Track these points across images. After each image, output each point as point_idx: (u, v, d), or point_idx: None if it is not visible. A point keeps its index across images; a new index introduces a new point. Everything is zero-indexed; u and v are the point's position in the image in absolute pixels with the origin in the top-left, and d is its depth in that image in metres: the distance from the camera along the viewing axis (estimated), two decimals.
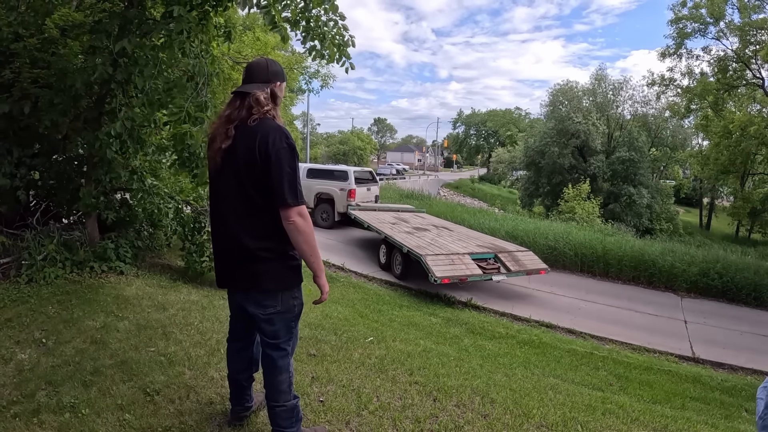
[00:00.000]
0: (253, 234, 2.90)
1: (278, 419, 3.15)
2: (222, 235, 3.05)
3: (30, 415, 3.62)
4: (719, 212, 50.56)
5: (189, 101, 5.76)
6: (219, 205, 3.03)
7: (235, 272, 3.04)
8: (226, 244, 3.03)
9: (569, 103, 40.96)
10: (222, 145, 2.86)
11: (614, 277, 15.98)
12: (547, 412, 4.38)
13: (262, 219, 2.87)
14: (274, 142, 2.76)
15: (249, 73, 3.00)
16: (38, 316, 5.57)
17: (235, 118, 2.88)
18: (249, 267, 2.95)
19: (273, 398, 3.14)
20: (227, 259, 3.07)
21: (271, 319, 3.05)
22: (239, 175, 2.84)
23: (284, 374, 3.11)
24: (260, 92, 2.90)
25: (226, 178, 2.91)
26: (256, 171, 2.78)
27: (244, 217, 2.90)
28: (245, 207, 2.88)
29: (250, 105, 2.86)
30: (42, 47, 6.98)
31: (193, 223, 8.28)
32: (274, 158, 2.75)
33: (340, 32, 6.33)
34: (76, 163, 7.91)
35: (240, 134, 2.84)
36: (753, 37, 27.67)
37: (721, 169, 29.26)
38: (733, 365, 9.78)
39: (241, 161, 2.81)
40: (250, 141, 2.79)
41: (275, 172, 2.75)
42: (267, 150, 2.75)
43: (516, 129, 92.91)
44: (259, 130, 2.80)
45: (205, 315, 6.15)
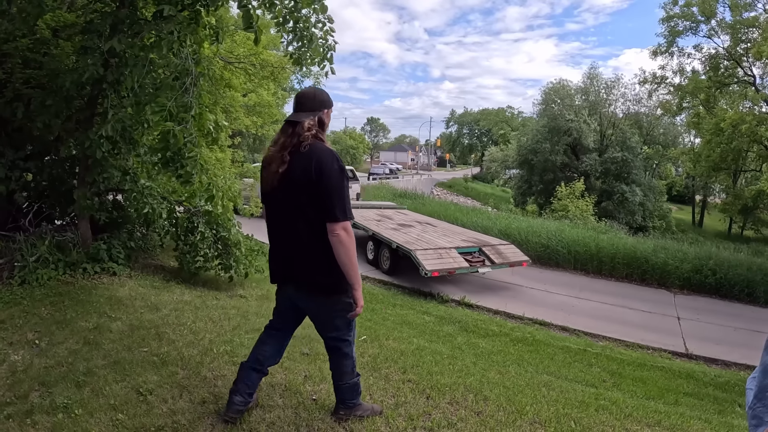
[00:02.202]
0: (311, 244, 3.23)
1: (343, 394, 3.67)
2: (282, 246, 3.40)
3: (23, 416, 3.62)
4: (711, 209, 50.68)
5: (172, 100, 5.73)
6: (277, 222, 3.39)
7: (297, 279, 3.41)
8: (288, 254, 3.37)
9: (562, 102, 40.97)
10: (279, 169, 3.17)
11: (607, 274, 16.05)
12: (540, 409, 4.40)
13: (319, 234, 3.18)
14: (327, 164, 3.11)
15: (298, 102, 3.31)
16: (31, 317, 5.55)
17: (289, 144, 3.19)
18: (310, 276, 3.31)
19: (339, 378, 3.62)
20: (287, 267, 3.42)
21: (332, 318, 3.44)
22: (297, 195, 3.17)
23: (348, 359, 3.57)
24: (308, 120, 3.21)
25: (284, 198, 3.24)
26: (312, 191, 3.12)
27: (302, 231, 3.23)
28: (302, 222, 3.21)
29: (299, 132, 3.17)
30: (34, 48, 6.96)
31: (186, 224, 8.27)
32: (326, 178, 3.09)
33: (326, 35, 6.32)
34: (68, 164, 7.88)
35: (295, 159, 3.15)
36: (744, 35, 27.76)
37: (713, 167, 29.26)
38: (726, 361, 9.84)
39: (298, 183, 3.14)
40: (306, 164, 3.11)
41: (327, 190, 3.09)
42: (321, 171, 3.09)
43: (509, 128, 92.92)
44: (313, 154, 3.13)
45: (198, 315, 6.15)
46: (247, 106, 19.57)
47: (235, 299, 7.63)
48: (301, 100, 3.32)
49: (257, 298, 8.02)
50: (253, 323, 6.08)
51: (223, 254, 8.25)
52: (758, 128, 22.79)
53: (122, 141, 7.02)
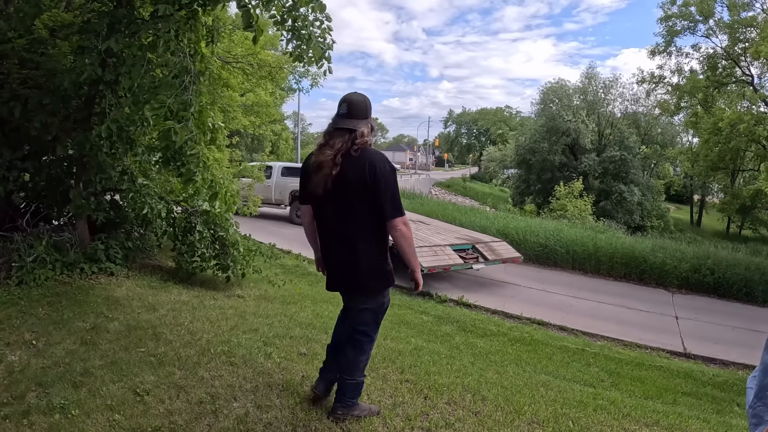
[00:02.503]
0: (360, 243, 3.44)
1: (346, 391, 3.70)
2: (333, 244, 3.57)
3: (20, 416, 3.62)
4: (710, 209, 50.67)
5: (172, 98, 5.72)
6: (329, 222, 3.54)
7: (344, 276, 3.58)
8: (338, 252, 3.56)
9: (560, 102, 40.96)
10: (332, 171, 3.31)
11: (605, 274, 16.05)
12: (538, 409, 4.40)
13: (368, 231, 3.43)
14: (380, 167, 3.30)
15: (350, 108, 3.43)
16: (28, 317, 5.55)
17: (341, 149, 3.32)
18: (355, 272, 3.49)
19: (348, 373, 3.68)
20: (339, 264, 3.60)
21: (363, 312, 3.63)
22: (350, 196, 3.35)
23: (364, 356, 3.69)
24: (364, 128, 3.39)
25: (337, 199, 3.40)
26: (366, 192, 3.30)
27: (353, 228, 3.43)
28: (354, 222, 3.41)
29: (354, 138, 3.34)
30: (31, 48, 6.93)
31: (183, 224, 8.25)
32: (382, 180, 3.28)
33: (324, 34, 6.31)
34: (65, 164, 7.87)
35: (347, 162, 3.31)
36: (742, 34, 27.79)
37: (711, 166, 29.29)
38: (724, 360, 9.84)
39: (352, 185, 3.31)
40: (359, 167, 3.29)
41: (383, 191, 3.29)
42: (376, 174, 3.27)
43: (507, 127, 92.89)
44: (366, 158, 3.32)
45: (196, 315, 6.13)
46: (245, 105, 19.59)
47: (233, 299, 7.62)
48: (353, 106, 3.44)
49: (255, 298, 8.02)
50: (250, 323, 6.07)
51: (221, 254, 8.24)
52: (756, 128, 22.81)
53: (120, 141, 7.01)
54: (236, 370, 4.56)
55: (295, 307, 7.68)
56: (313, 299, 8.95)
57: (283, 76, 16.46)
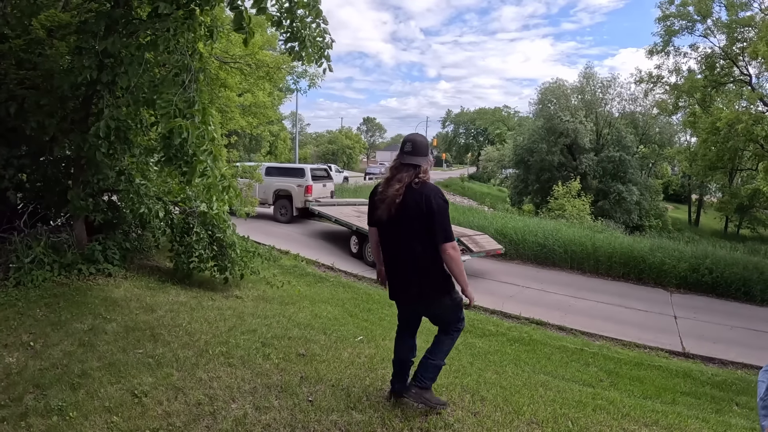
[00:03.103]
0: (420, 261, 3.89)
1: (425, 371, 4.10)
2: (398, 262, 4.03)
3: (18, 418, 3.61)
4: (708, 208, 50.72)
5: (176, 96, 5.70)
6: (392, 242, 4.02)
7: (410, 288, 4.01)
8: (402, 269, 4.01)
9: (558, 102, 40.91)
10: (396, 200, 3.81)
11: (604, 273, 16.02)
12: (537, 409, 4.39)
13: (427, 251, 3.86)
14: (436, 199, 3.80)
15: (414, 147, 3.92)
16: (26, 319, 5.54)
17: (406, 181, 3.84)
18: (421, 283, 3.94)
19: (433, 354, 4.14)
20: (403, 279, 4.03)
21: (442, 314, 4.13)
22: (411, 221, 3.83)
23: (451, 343, 4.22)
24: (426, 165, 3.94)
25: (400, 224, 3.88)
26: (424, 219, 3.78)
27: (415, 250, 3.88)
28: (416, 243, 3.87)
29: (417, 173, 3.86)
30: (28, 48, 6.92)
31: (181, 225, 8.23)
32: (437, 211, 3.77)
33: (322, 34, 6.31)
34: (63, 164, 7.85)
35: (408, 193, 3.82)
36: (740, 34, 27.72)
37: (709, 166, 29.25)
38: (723, 360, 9.83)
39: (413, 212, 3.81)
40: (419, 198, 3.79)
41: (438, 220, 3.77)
42: (431, 205, 3.77)
43: (505, 127, 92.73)
44: (424, 190, 3.82)
45: (194, 316, 6.12)
46: (243, 106, 19.56)
47: (231, 300, 7.61)
48: (416, 146, 3.92)
49: (253, 299, 8.00)
50: (249, 324, 6.06)
51: (219, 255, 8.22)
52: (754, 127, 22.76)
53: (117, 141, 6.99)
54: (234, 371, 4.55)
55: (293, 308, 7.67)
56: (311, 300, 8.94)
57: (280, 77, 16.46)
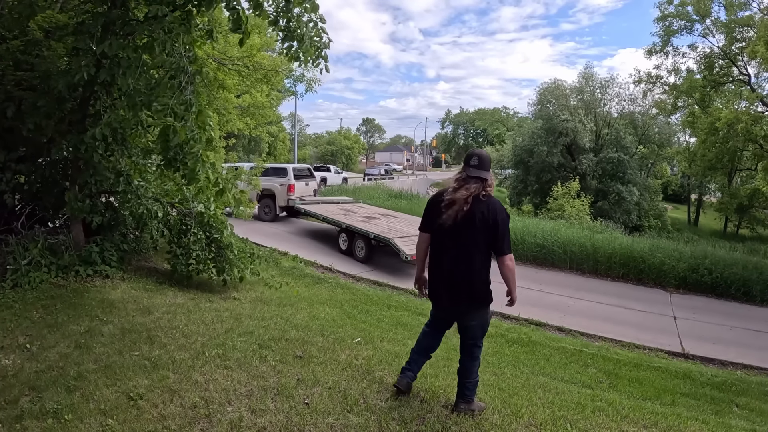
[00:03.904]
0: (475, 268, 4.09)
1: (466, 390, 4.29)
2: (450, 267, 4.15)
3: (13, 421, 3.59)
4: (707, 208, 50.67)
5: (173, 99, 5.68)
6: (452, 248, 4.14)
7: (459, 294, 4.18)
8: (453, 274, 4.15)
9: (557, 102, 40.91)
10: (464, 208, 3.97)
11: (603, 274, 16.00)
12: (536, 411, 4.38)
13: (482, 259, 4.09)
14: (500, 213, 4.03)
15: (481, 161, 4.16)
16: (23, 320, 5.52)
17: (473, 192, 4.01)
18: (471, 290, 4.15)
19: (465, 377, 4.31)
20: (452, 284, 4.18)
21: (475, 326, 4.31)
22: (474, 231, 4.01)
23: (476, 361, 4.36)
24: (491, 179, 4.15)
25: (463, 232, 4.03)
26: (488, 230, 4.00)
27: (471, 255, 4.08)
28: (473, 251, 4.07)
29: (484, 186, 4.06)
30: (26, 49, 6.92)
31: (179, 226, 8.21)
32: (500, 224, 4.01)
33: (319, 33, 6.29)
34: (61, 166, 7.84)
35: (475, 204, 4.00)
36: (739, 34, 27.74)
37: (708, 166, 29.34)
38: (723, 360, 9.82)
39: (477, 222, 3.99)
40: (484, 209, 3.99)
41: (501, 232, 4.01)
42: (496, 218, 3.99)
43: (504, 128, 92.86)
44: (489, 203, 4.03)
45: (191, 318, 6.11)
46: (241, 107, 19.57)
47: (229, 302, 7.59)
48: (483, 160, 4.16)
49: (251, 301, 7.99)
50: (246, 326, 6.04)
51: (217, 257, 8.20)
52: (753, 127, 22.80)
53: (115, 143, 6.98)
54: (231, 373, 4.54)
55: (291, 310, 7.65)
56: (309, 301, 8.92)
57: (279, 80, 16.47)
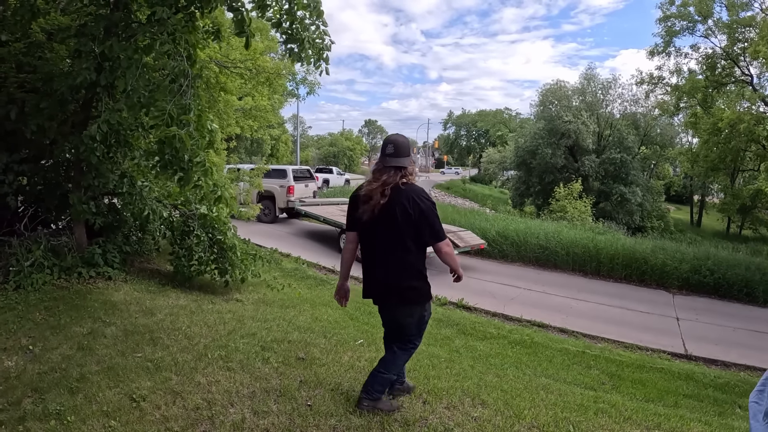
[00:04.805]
0: (402, 266, 3.86)
1: (374, 383, 4.05)
2: (378, 265, 3.95)
3: (16, 422, 3.59)
4: (710, 209, 50.62)
5: (171, 103, 5.67)
6: (374, 244, 3.94)
7: (387, 293, 3.97)
8: (382, 273, 3.93)
9: (559, 103, 40.87)
10: (381, 201, 3.73)
11: (606, 275, 15.97)
12: (538, 413, 4.37)
13: (409, 255, 3.85)
14: (422, 201, 3.76)
15: (397, 148, 3.87)
16: (25, 322, 5.52)
17: (391, 182, 3.77)
18: (399, 290, 3.90)
19: (385, 367, 4.08)
20: (382, 284, 3.96)
21: (410, 324, 4.04)
22: (395, 223, 3.75)
23: (406, 355, 4.16)
24: (412, 166, 3.92)
25: (383, 226, 3.80)
26: (412, 221, 3.73)
27: (396, 253, 3.84)
28: (397, 246, 3.82)
29: (403, 174, 3.82)
30: (28, 51, 6.93)
31: (181, 227, 8.22)
32: (426, 212, 3.75)
33: (321, 36, 6.29)
34: (63, 168, 7.85)
35: (394, 195, 3.74)
36: (741, 34, 27.69)
37: (710, 167, 29.24)
38: (725, 362, 9.79)
39: (399, 215, 3.72)
40: (404, 199, 3.73)
41: (427, 220, 3.76)
42: (419, 206, 3.73)
43: (506, 129, 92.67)
44: (411, 192, 3.78)
45: (194, 320, 6.11)
46: (243, 109, 19.57)
47: (231, 303, 7.60)
48: (398, 147, 3.87)
49: (254, 302, 7.99)
50: (249, 328, 6.04)
51: (219, 258, 8.21)
52: (756, 128, 22.75)
53: (117, 144, 6.98)
54: (233, 375, 4.54)
55: (293, 311, 7.64)
56: (312, 303, 8.92)
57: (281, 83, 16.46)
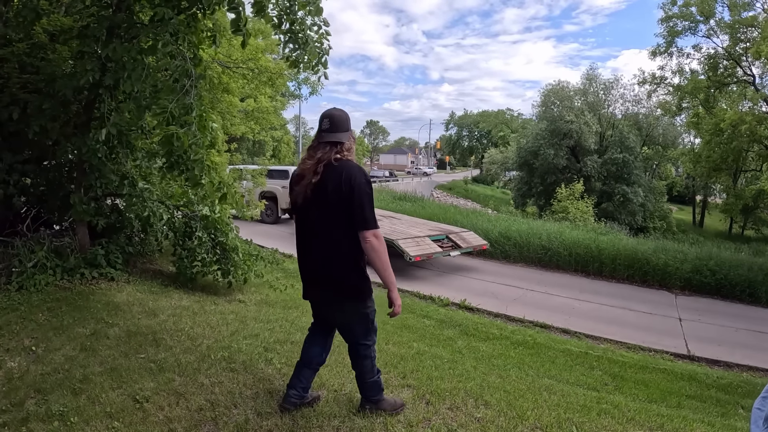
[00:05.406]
0: (336, 253, 3.48)
1: (366, 391, 3.91)
2: (309, 253, 3.63)
3: (19, 424, 3.58)
4: (712, 209, 50.61)
5: (173, 103, 5.67)
6: (307, 229, 3.60)
7: (325, 286, 3.63)
8: (313, 261, 3.61)
9: (561, 103, 40.91)
10: (312, 179, 3.40)
11: (608, 276, 15.98)
12: (541, 414, 4.35)
13: (344, 241, 3.44)
14: (356, 178, 3.35)
15: (333, 122, 3.51)
16: (28, 323, 5.52)
17: (324, 159, 3.42)
18: (332, 282, 3.56)
19: (360, 377, 3.87)
20: (315, 274, 3.64)
21: (351, 323, 3.74)
22: (329, 205, 3.39)
23: (367, 360, 3.82)
24: (349, 142, 3.57)
25: (316, 207, 3.46)
26: (342, 201, 3.35)
27: (329, 239, 3.47)
28: (330, 231, 3.45)
29: (338, 150, 3.46)
30: (31, 52, 6.93)
31: (184, 228, 8.22)
32: (356, 191, 3.33)
33: (321, 39, 6.28)
34: (66, 169, 7.85)
35: (327, 172, 3.39)
36: (743, 34, 27.70)
37: (713, 167, 29.23)
38: (728, 362, 9.78)
39: (330, 194, 3.37)
40: (337, 177, 3.36)
41: (357, 201, 3.33)
42: (351, 184, 3.33)
43: (508, 130, 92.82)
44: (344, 168, 3.39)
45: (196, 321, 6.11)
46: (245, 111, 19.59)
47: (234, 304, 7.60)
48: (336, 121, 3.52)
49: (256, 303, 7.99)
50: (251, 328, 6.04)
51: (222, 259, 8.21)
52: (758, 128, 22.75)
53: (120, 145, 6.98)
54: (236, 376, 4.54)
55: (296, 312, 7.64)
56: None
57: (282, 83, 16.49)
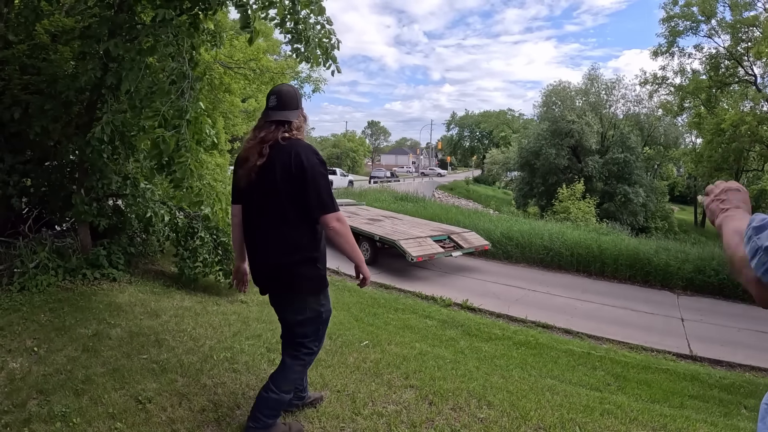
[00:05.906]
0: (285, 243, 3.16)
1: (263, 406, 3.31)
2: (257, 245, 3.30)
3: (21, 424, 3.57)
4: None
5: (166, 105, 5.66)
6: (253, 217, 3.27)
7: (271, 279, 3.32)
8: (261, 253, 3.29)
9: (562, 104, 40.93)
10: (257, 162, 3.09)
11: (610, 276, 15.96)
12: (544, 414, 4.35)
13: (294, 229, 3.14)
14: (307, 158, 3.04)
15: (280, 99, 3.21)
16: (30, 324, 5.51)
17: (270, 139, 3.12)
18: (282, 275, 3.24)
19: (275, 385, 3.30)
20: (263, 266, 3.32)
21: (301, 322, 3.30)
22: (275, 189, 3.07)
23: (299, 366, 3.40)
24: (297, 120, 3.23)
25: (262, 193, 3.15)
26: (292, 185, 3.04)
27: (278, 227, 3.15)
28: (279, 218, 3.13)
29: (286, 129, 3.15)
30: (32, 53, 6.93)
31: (186, 229, 8.22)
32: (309, 172, 3.01)
33: (327, 35, 6.28)
34: (68, 169, 7.85)
35: (274, 153, 3.09)
36: (745, 34, 27.75)
37: (714, 167, 29.22)
38: (731, 362, 9.76)
39: (278, 176, 3.05)
40: (285, 158, 3.05)
41: (312, 184, 3.01)
42: (302, 165, 3.01)
43: (510, 130, 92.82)
44: (293, 148, 3.08)
45: (198, 321, 6.11)
46: (247, 111, 19.60)
47: (236, 305, 7.59)
48: (284, 98, 3.23)
49: (258, 304, 7.97)
50: (254, 329, 6.05)
51: (224, 260, 8.21)
52: (759, 128, 22.76)
53: (121, 146, 6.98)
54: (239, 377, 4.54)
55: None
56: None
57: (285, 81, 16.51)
